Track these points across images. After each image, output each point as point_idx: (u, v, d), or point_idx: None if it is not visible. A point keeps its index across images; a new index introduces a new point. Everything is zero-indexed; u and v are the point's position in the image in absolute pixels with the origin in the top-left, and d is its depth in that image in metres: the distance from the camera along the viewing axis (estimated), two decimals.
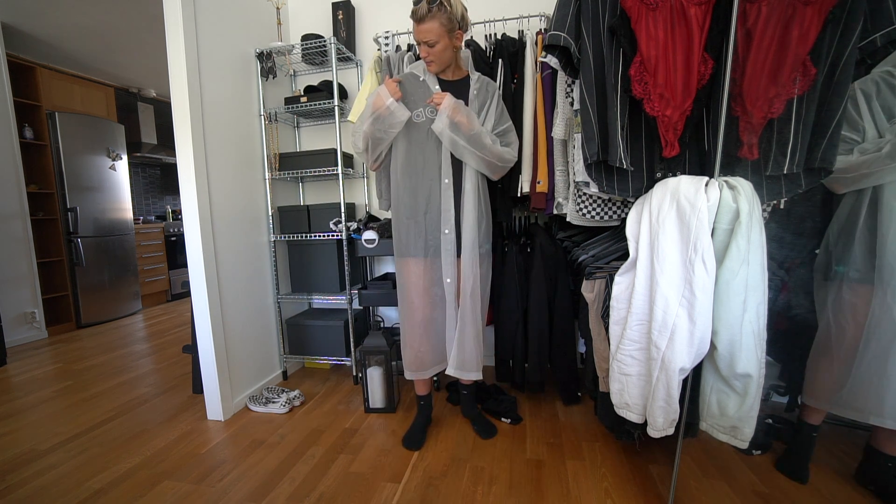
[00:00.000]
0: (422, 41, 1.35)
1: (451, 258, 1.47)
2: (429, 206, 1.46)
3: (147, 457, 1.58)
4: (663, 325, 1.03)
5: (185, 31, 1.64)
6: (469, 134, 1.39)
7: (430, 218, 1.47)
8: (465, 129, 1.38)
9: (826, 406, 1.21)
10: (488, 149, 1.42)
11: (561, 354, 1.80)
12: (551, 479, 1.38)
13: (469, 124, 1.38)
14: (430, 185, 1.46)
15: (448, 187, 1.44)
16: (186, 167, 1.70)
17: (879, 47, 0.97)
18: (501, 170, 1.53)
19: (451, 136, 1.38)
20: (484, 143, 1.41)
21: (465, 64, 1.54)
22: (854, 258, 1.10)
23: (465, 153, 1.42)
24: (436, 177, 1.45)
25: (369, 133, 1.43)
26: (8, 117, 3.02)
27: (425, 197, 1.46)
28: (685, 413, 1.09)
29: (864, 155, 1.03)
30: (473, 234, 1.47)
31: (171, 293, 4.47)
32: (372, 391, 1.85)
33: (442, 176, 1.44)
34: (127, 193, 3.92)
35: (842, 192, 1.12)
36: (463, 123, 1.37)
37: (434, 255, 1.48)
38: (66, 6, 2.81)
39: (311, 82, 2.31)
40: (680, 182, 1.02)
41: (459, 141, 1.39)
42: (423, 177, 1.46)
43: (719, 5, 1.03)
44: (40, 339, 3.19)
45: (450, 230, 1.46)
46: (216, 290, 1.81)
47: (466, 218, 1.46)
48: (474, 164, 1.45)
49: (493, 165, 1.48)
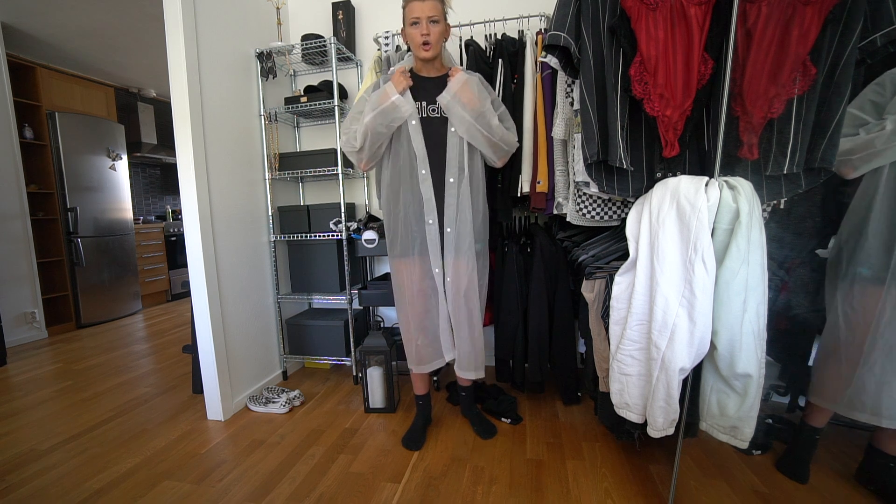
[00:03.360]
0: (424, 17, 1.34)
1: (437, 248, 1.47)
2: (413, 198, 1.47)
3: (147, 457, 1.58)
4: (663, 325, 1.03)
5: (185, 31, 1.64)
6: (477, 112, 1.39)
7: (413, 211, 1.47)
8: (472, 107, 1.39)
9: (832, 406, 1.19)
10: (495, 129, 1.43)
11: (561, 354, 1.80)
12: (551, 479, 1.38)
13: (476, 102, 1.39)
14: (411, 179, 1.46)
15: (426, 178, 1.44)
16: (186, 167, 1.70)
17: (879, 47, 0.96)
18: (505, 153, 1.53)
19: (460, 112, 1.39)
20: (490, 123, 1.42)
21: (447, 61, 1.53)
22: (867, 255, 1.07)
23: (473, 130, 1.42)
24: (415, 168, 1.45)
25: (371, 126, 1.41)
26: (8, 117, 3.02)
27: (408, 191, 1.47)
28: (685, 413, 1.09)
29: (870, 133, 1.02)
30: (467, 230, 1.47)
31: (171, 293, 4.47)
32: (372, 391, 1.85)
33: (419, 167, 1.44)
34: (127, 193, 3.92)
35: (851, 175, 1.07)
36: (471, 101, 1.38)
37: (422, 250, 1.49)
38: (66, 6, 2.81)
39: (311, 82, 2.31)
40: (680, 182, 1.02)
41: (466, 116, 1.39)
42: (404, 172, 1.46)
43: (719, 5, 1.03)
44: (40, 339, 3.19)
45: (433, 220, 1.46)
46: (216, 290, 1.81)
47: (461, 213, 1.46)
48: (481, 146, 1.46)
49: (498, 147, 1.48)
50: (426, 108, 1.44)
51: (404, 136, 1.44)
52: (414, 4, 1.33)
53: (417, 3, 1.33)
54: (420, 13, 1.33)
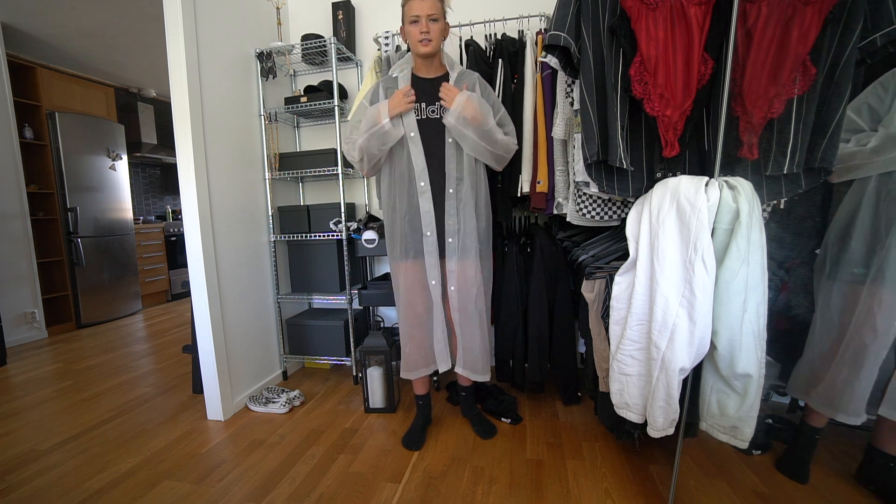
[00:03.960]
0: (424, 16, 1.32)
1: (435, 260, 1.47)
2: (409, 209, 1.46)
3: (147, 457, 1.58)
4: (663, 325, 1.03)
5: (185, 31, 1.64)
6: (482, 130, 1.37)
7: (410, 221, 1.46)
8: (477, 125, 1.36)
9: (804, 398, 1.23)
10: (499, 143, 1.43)
11: (561, 354, 1.80)
12: (551, 479, 1.38)
13: (482, 119, 1.36)
14: (409, 190, 1.45)
15: (425, 190, 1.43)
16: (186, 167, 1.70)
17: (879, 47, 0.96)
18: (506, 161, 1.54)
19: (462, 131, 1.37)
20: (496, 139, 1.41)
21: (446, 61, 1.51)
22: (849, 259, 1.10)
23: (478, 148, 1.41)
24: (413, 180, 1.44)
25: (364, 147, 1.42)
26: (8, 117, 3.02)
27: (405, 201, 1.46)
28: (685, 413, 1.09)
29: (854, 147, 1.03)
30: (471, 237, 1.46)
31: (171, 293, 4.47)
32: (372, 391, 1.85)
33: (418, 180, 1.43)
34: (127, 193, 3.93)
35: (835, 180, 1.11)
36: (476, 119, 1.35)
37: (416, 257, 1.48)
38: (66, 6, 2.81)
39: (311, 82, 2.31)
40: (680, 182, 1.02)
41: (470, 136, 1.38)
42: (403, 181, 1.45)
43: (719, 5, 1.03)
44: (40, 339, 3.19)
45: (431, 233, 1.45)
46: (216, 290, 1.81)
47: (462, 222, 1.45)
48: (482, 157, 1.45)
49: (501, 158, 1.49)
50: (425, 109, 1.44)
51: (404, 146, 1.43)
52: (413, 3, 1.32)
53: (417, 2, 1.31)
54: (420, 11, 1.32)
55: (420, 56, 1.41)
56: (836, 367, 1.11)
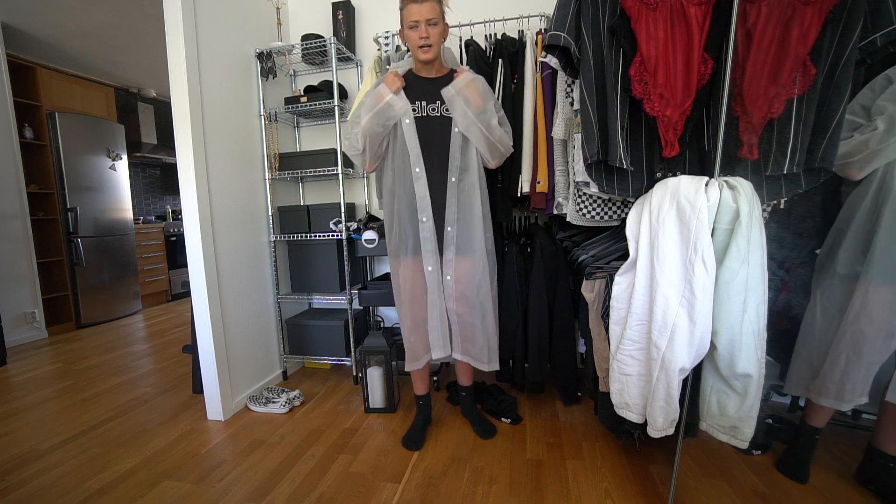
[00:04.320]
0: (423, 20, 1.33)
1: (432, 246, 1.47)
2: (406, 196, 1.47)
3: (147, 457, 1.58)
4: (663, 325, 1.03)
5: (185, 31, 1.64)
6: (479, 109, 1.42)
7: (407, 208, 1.48)
8: (475, 104, 1.41)
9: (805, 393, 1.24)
10: (493, 128, 1.46)
11: (561, 354, 1.80)
12: (551, 479, 1.38)
13: (480, 100, 1.41)
14: (405, 177, 1.47)
15: (420, 176, 1.45)
16: (186, 167, 1.70)
17: (879, 47, 0.96)
18: (501, 155, 1.55)
19: (462, 107, 1.41)
20: (490, 122, 1.45)
21: (448, 62, 1.54)
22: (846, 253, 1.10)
23: (472, 127, 1.43)
24: (408, 167, 1.45)
25: (367, 128, 1.43)
26: (8, 117, 3.02)
27: (402, 189, 1.47)
28: (685, 413, 1.09)
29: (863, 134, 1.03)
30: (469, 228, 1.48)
31: (171, 293, 4.47)
32: (372, 391, 1.85)
33: (413, 165, 1.45)
34: (127, 193, 3.92)
35: (858, 177, 1.08)
36: (475, 98, 1.40)
37: (415, 249, 1.49)
38: (66, 6, 2.81)
39: (311, 82, 2.31)
40: (680, 182, 1.02)
41: (468, 112, 1.41)
42: (399, 171, 1.47)
43: (719, 5, 1.03)
44: (40, 339, 3.19)
45: (426, 218, 1.46)
46: (216, 290, 1.81)
47: (462, 211, 1.47)
48: (479, 143, 1.47)
49: (494, 147, 1.50)
50: (426, 107, 1.45)
51: (399, 135, 1.46)
52: (412, 7, 1.32)
53: (415, 6, 1.32)
54: (418, 16, 1.32)
55: (421, 62, 1.44)
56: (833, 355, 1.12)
